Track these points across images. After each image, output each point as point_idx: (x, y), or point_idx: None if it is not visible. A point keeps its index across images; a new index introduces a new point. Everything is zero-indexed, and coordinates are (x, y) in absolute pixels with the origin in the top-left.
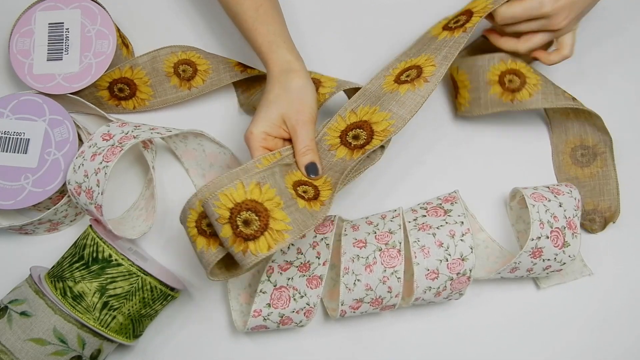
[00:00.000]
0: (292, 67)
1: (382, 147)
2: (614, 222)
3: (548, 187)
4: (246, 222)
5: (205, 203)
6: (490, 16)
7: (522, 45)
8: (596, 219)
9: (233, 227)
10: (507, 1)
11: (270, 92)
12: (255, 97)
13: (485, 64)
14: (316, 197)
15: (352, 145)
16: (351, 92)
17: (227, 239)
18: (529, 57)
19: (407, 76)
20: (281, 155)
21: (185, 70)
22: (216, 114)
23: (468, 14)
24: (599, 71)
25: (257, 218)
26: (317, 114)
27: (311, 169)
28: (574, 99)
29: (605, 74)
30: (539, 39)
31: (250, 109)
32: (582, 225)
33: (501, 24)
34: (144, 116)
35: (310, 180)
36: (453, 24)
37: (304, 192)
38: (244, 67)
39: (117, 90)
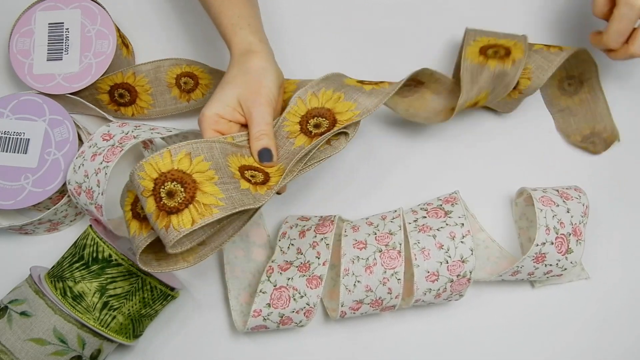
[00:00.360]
0: (253, 49)
1: (346, 134)
2: (619, 141)
3: (557, 191)
4: (170, 194)
5: (132, 176)
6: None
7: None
8: (596, 140)
9: (156, 199)
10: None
11: (228, 73)
12: None
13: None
14: (265, 182)
15: (313, 134)
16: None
17: (151, 215)
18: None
19: (370, 82)
20: (233, 139)
21: (186, 82)
22: None
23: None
24: None
25: (182, 190)
26: (277, 99)
27: (264, 155)
28: (560, 49)
29: None
30: None
31: None
32: (585, 149)
33: (616, 46)
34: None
35: (262, 167)
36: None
37: (252, 176)
38: None
39: (118, 96)
